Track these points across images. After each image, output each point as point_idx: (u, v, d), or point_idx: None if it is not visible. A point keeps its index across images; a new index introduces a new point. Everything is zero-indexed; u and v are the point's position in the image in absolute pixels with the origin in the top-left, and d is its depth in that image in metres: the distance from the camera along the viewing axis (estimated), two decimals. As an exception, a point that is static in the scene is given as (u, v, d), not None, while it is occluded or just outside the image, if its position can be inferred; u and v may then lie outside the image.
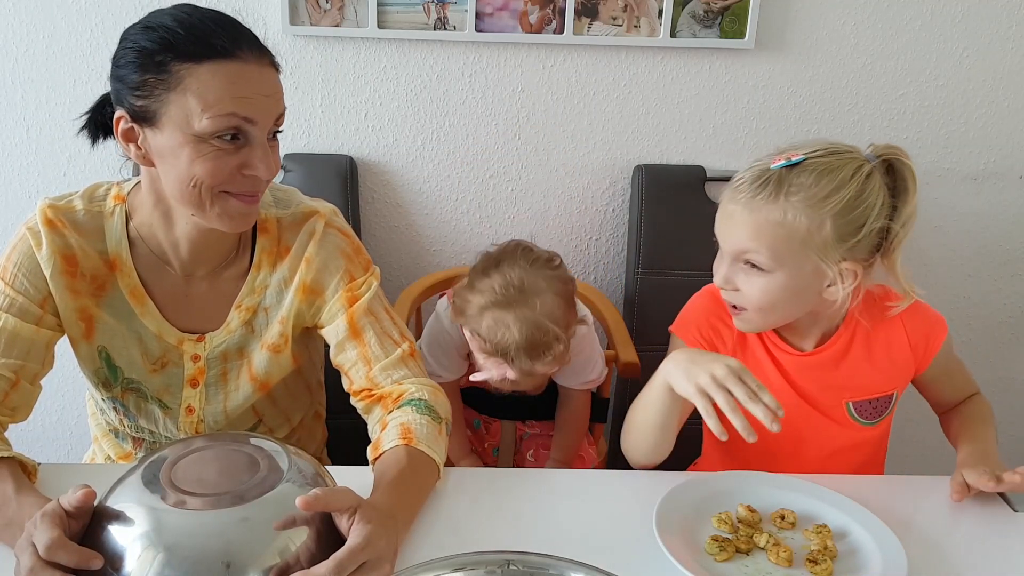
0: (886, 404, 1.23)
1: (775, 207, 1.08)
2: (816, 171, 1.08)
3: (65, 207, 1.10)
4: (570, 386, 1.50)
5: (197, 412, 1.18)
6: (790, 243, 1.09)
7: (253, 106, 0.97)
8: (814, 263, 1.09)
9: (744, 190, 1.11)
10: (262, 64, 0.99)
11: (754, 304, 1.13)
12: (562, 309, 1.30)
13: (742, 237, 1.11)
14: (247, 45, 0.98)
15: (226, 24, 0.99)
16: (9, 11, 1.68)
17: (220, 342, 1.15)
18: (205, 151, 0.97)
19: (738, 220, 1.11)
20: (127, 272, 1.11)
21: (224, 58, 0.96)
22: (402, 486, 0.98)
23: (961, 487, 1.08)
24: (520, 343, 1.26)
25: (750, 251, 1.11)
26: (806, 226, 1.07)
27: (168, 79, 0.95)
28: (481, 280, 1.30)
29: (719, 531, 1.00)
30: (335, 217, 1.18)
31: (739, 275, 1.13)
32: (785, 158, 1.10)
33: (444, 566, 0.84)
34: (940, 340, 1.22)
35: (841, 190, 1.07)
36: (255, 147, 0.99)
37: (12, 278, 1.07)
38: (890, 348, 1.21)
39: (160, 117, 0.97)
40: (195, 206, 1.01)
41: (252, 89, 0.97)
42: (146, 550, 0.79)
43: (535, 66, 1.76)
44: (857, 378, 1.20)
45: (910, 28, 1.76)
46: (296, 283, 1.14)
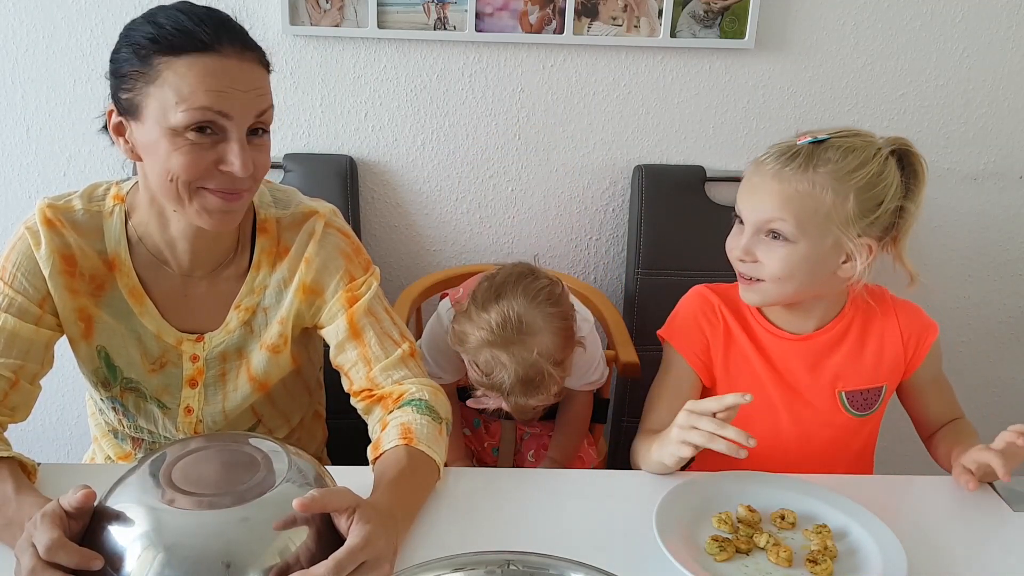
0: (876, 396, 1.25)
1: (804, 178, 1.12)
2: (841, 148, 1.13)
3: (64, 207, 1.10)
4: (572, 387, 1.50)
5: (196, 412, 1.18)
6: (815, 214, 1.13)
7: (227, 100, 0.96)
8: (835, 236, 1.13)
9: (772, 163, 1.16)
10: (243, 59, 0.98)
11: (773, 274, 1.16)
12: (559, 347, 1.29)
13: (770, 206, 1.14)
14: (229, 39, 0.97)
15: (213, 19, 0.98)
16: (9, 11, 1.68)
17: (219, 342, 1.15)
18: (180, 145, 0.97)
19: (766, 190, 1.14)
20: (126, 272, 1.11)
21: (202, 52, 0.95)
22: (402, 486, 0.98)
23: (965, 474, 1.08)
24: (515, 383, 1.26)
25: (776, 220, 1.14)
26: (832, 199, 1.12)
27: (149, 72, 0.96)
28: (479, 314, 1.28)
29: (719, 531, 1.00)
30: (335, 217, 1.18)
31: (759, 246, 1.16)
32: (811, 135, 1.16)
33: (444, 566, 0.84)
34: (931, 341, 1.26)
35: (865, 166, 1.12)
36: (231, 143, 0.98)
37: (11, 278, 1.07)
38: (883, 340, 1.24)
39: (142, 110, 0.98)
40: (175, 201, 1.01)
41: (227, 83, 0.96)
42: (146, 550, 0.79)
43: (535, 66, 1.76)
44: (851, 366, 1.23)
45: (910, 28, 1.76)
46: (296, 283, 1.14)
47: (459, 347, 1.32)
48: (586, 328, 1.43)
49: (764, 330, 1.25)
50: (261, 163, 1.03)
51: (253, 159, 1.00)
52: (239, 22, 1.02)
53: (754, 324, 1.26)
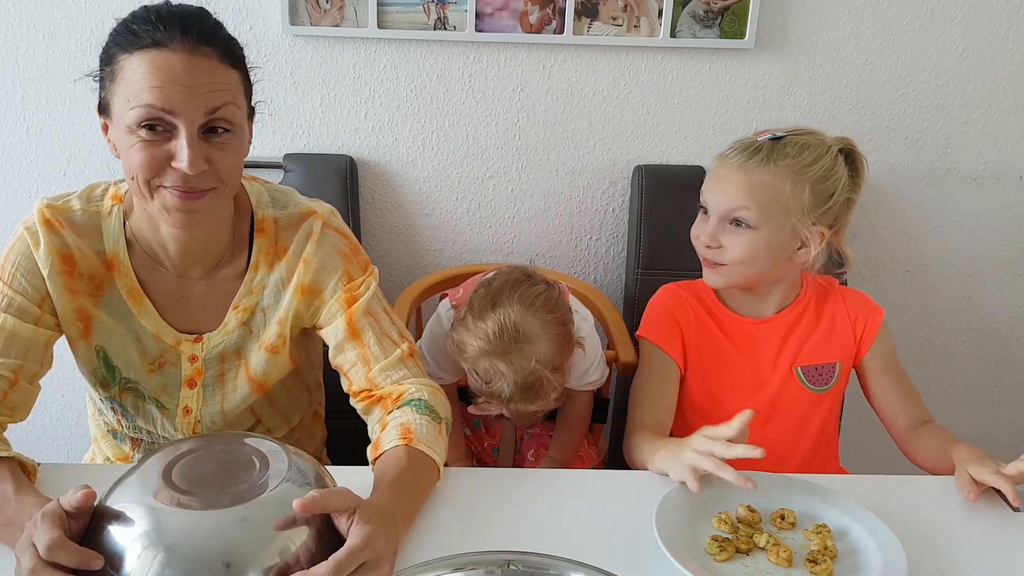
0: (831, 372, 1.35)
1: (765, 170, 1.26)
2: (798, 144, 1.27)
3: (62, 207, 1.10)
4: (572, 387, 1.50)
5: (194, 413, 1.18)
6: (775, 203, 1.26)
7: (170, 96, 0.95)
8: (792, 224, 1.27)
9: (736, 156, 1.28)
10: (195, 54, 0.96)
11: (737, 258, 1.28)
12: (557, 353, 1.29)
13: (735, 195, 1.26)
14: (182, 33, 0.96)
15: (177, 15, 0.97)
16: (9, 11, 1.68)
17: (218, 343, 1.15)
18: (134, 142, 0.97)
19: (731, 181, 1.27)
20: (125, 272, 1.11)
21: (152, 47, 0.95)
22: (402, 486, 0.98)
23: (969, 482, 1.08)
24: (513, 390, 1.26)
25: (740, 208, 1.26)
26: (790, 190, 1.25)
27: (113, 69, 0.97)
28: (477, 324, 1.28)
29: (719, 531, 1.00)
30: (332, 217, 1.17)
31: (724, 233, 1.28)
32: (770, 133, 1.29)
33: (444, 566, 0.84)
34: (877, 322, 1.36)
35: (818, 162, 1.26)
36: (180, 139, 0.97)
37: (10, 278, 1.07)
38: (834, 320, 1.37)
39: (110, 107, 0.99)
40: (141, 198, 1.02)
41: (172, 79, 0.95)
42: (146, 550, 0.79)
43: (535, 66, 1.76)
44: (805, 344, 1.35)
45: (910, 28, 1.76)
46: (294, 284, 1.14)
47: (458, 355, 1.32)
48: (586, 328, 1.43)
49: (728, 318, 1.37)
50: (223, 162, 1.00)
51: (210, 157, 0.98)
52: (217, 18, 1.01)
53: (719, 313, 1.37)
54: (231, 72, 1.01)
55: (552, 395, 1.29)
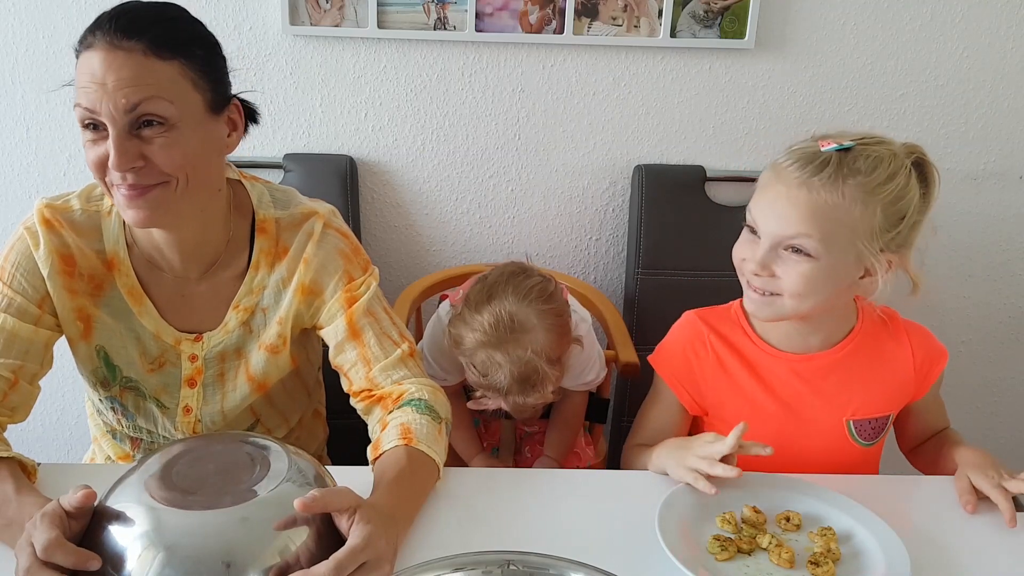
0: (883, 425, 1.21)
1: (834, 190, 1.05)
2: (870, 158, 1.06)
3: (62, 207, 1.10)
4: (568, 387, 1.50)
5: (194, 412, 1.18)
6: (841, 229, 1.06)
7: (91, 96, 0.96)
8: (857, 251, 1.07)
9: (796, 171, 1.06)
10: (113, 50, 0.95)
11: (792, 291, 1.09)
12: (554, 344, 1.29)
13: (795, 220, 1.06)
14: (104, 31, 0.96)
15: (112, 13, 0.98)
16: (9, 11, 1.68)
17: (218, 342, 1.15)
18: (84, 141, 0.99)
19: (792, 201, 1.06)
20: (125, 272, 1.11)
21: (86, 48, 0.97)
22: (402, 486, 0.98)
23: (969, 491, 1.07)
24: (511, 382, 1.27)
25: (800, 236, 1.06)
26: (859, 213, 1.05)
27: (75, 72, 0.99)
28: (473, 316, 1.28)
29: (722, 531, 1.00)
30: (333, 217, 1.17)
31: (777, 261, 1.09)
32: (835, 142, 1.07)
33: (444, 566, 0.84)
34: (941, 368, 1.21)
35: (893, 179, 1.06)
36: (109, 138, 0.97)
37: (10, 278, 1.07)
38: (896, 366, 1.19)
39: None
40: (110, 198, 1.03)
41: (92, 79, 0.96)
42: (146, 550, 0.79)
43: (535, 66, 1.76)
44: (862, 394, 1.18)
45: (910, 28, 1.76)
46: (295, 284, 1.14)
47: (456, 350, 1.32)
48: (583, 328, 1.43)
49: (762, 352, 1.19)
50: (159, 156, 0.98)
51: (144, 152, 0.97)
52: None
53: (749, 348, 1.20)
54: (160, 64, 0.97)
55: (549, 387, 1.29)
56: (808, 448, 1.17)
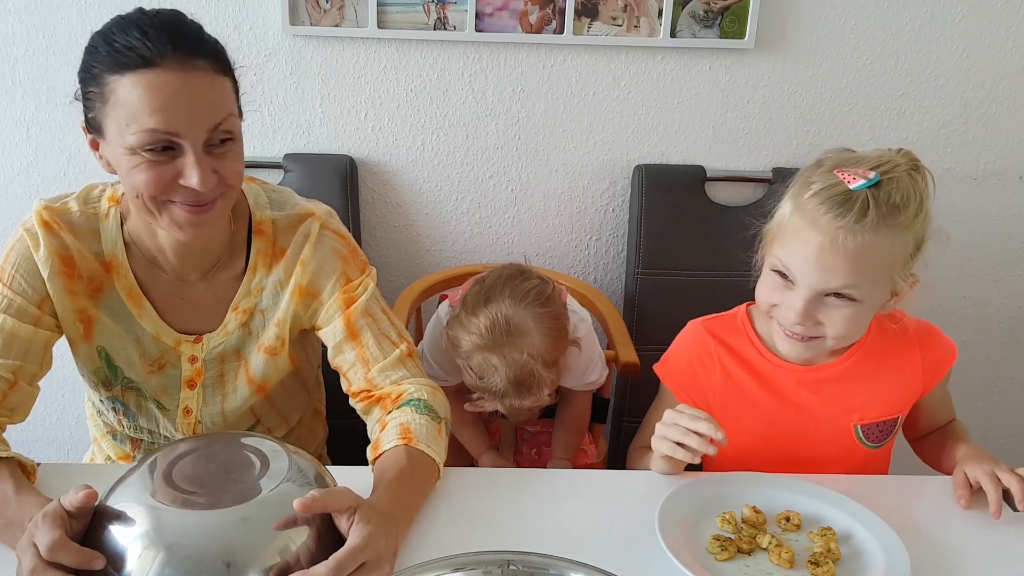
0: (892, 427, 1.21)
1: (877, 233, 1.02)
2: (900, 190, 1.04)
3: (60, 209, 1.09)
4: (571, 387, 1.50)
5: (195, 413, 1.18)
6: (883, 267, 1.06)
7: (173, 119, 0.93)
8: (893, 282, 1.08)
9: (837, 219, 1.02)
10: (189, 70, 0.94)
11: (837, 334, 1.08)
12: (550, 347, 1.29)
13: (842, 272, 1.03)
14: (173, 50, 0.93)
15: (156, 27, 0.94)
16: (9, 11, 1.68)
17: (217, 344, 1.15)
18: (138, 162, 0.96)
19: (837, 252, 1.03)
20: (123, 274, 1.11)
21: (144, 68, 0.92)
22: (402, 486, 0.98)
23: (964, 484, 1.07)
24: (507, 385, 1.27)
25: (848, 286, 1.04)
26: (899, 248, 1.05)
27: (102, 91, 0.95)
28: (470, 319, 1.29)
29: (722, 531, 1.00)
30: (330, 219, 1.17)
31: (820, 308, 1.07)
32: (862, 177, 1.03)
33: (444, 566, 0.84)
34: (949, 364, 1.21)
35: (922, 207, 1.06)
36: (187, 158, 0.95)
37: (10, 279, 1.07)
38: (904, 369, 1.18)
39: (104, 129, 0.97)
40: (147, 215, 1.00)
41: (172, 101, 0.93)
42: (146, 549, 0.79)
43: (535, 66, 1.76)
44: (869, 399, 1.17)
45: (910, 28, 1.76)
46: (292, 285, 1.14)
47: (453, 352, 1.33)
48: (583, 328, 1.43)
49: (770, 364, 1.18)
50: (230, 171, 1.00)
51: (218, 169, 0.98)
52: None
53: (756, 358, 1.19)
54: (225, 81, 0.99)
55: (545, 390, 1.29)
56: (815, 453, 1.17)
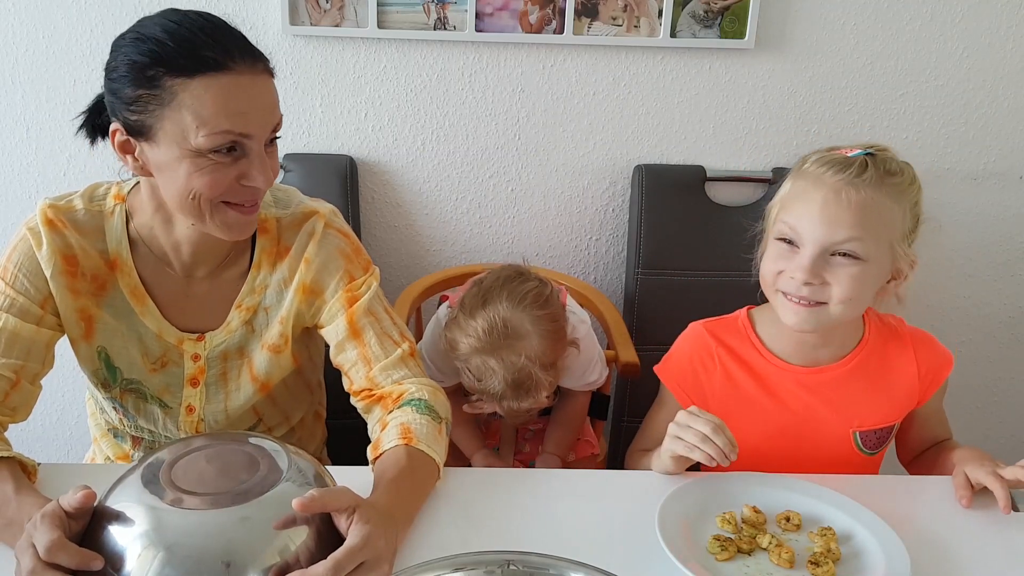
0: (888, 434, 1.22)
1: (879, 189, 1.06)
2: (895, 161, 1.10)
3: (65, 207, 1.10)
4: (570, 387, 1.50)
5: (197, 411, 1.18)
6: (884, 228, 1.07)
7: (248, 121, 0.97)
8: (893, 252, 1.10)
9: (837, 174, 1.07)
10: (256, 73, 0.98)
11: (842, 296, 1.08)
12: (548, 349, 1.28)
13: (846, 223, 1.05)
14: (239, 54, 0.96)
15: (216, 32, 0.97)
16: (9, 11, 1.68)
17: (220, 342, 1.15)
18: (202, 165, 0.97)
19: (841, 204, 1.05)
20: (127, 272, 1.11)
21: (216, 71, 0.94)
22: (402, 486, 0.98)
23: (965, 485, 1.07)
24: (505, 387, 1.27)
25: (852, 240, 1.06)
26: (898, 212, 1.08)
27: (162, 95, 0.94)
28: (468, 321, 1.29)
29: (722, 531, 1.00)
30: (334, 217, 1.18)
31: (826, 268, 1.07)
32: (858, 148, 1.09)
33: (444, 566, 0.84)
34: (945, 375, 1.21)
35: (914, 182, 1.10)
36: (252, 158, 0.99)
37: (12, 278, 1.07)
38: (901, 376, 1.19)
39: (156, 132, 0.97)
40: (195, 217, 1.01)
41: (247, 104, 0.96)
42: (146, 549, 0.79)
43: (535, 66, 1.76)
44: (869, 405, 1.18)
45: (910, 28, 1.76)
46: (296, 283, 1.14)
47: (451, 354, 1.33)
48: (583, 329, 1.43)
49: (771, 365, 1.18)
50: (275, 169, 1.04)
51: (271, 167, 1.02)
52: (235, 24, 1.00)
53: (757, 360, 1.19)
54: (274, 82, 1.03)
55: (543, 392, 1.29)
56: (814, 458, 1.17)
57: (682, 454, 1.05)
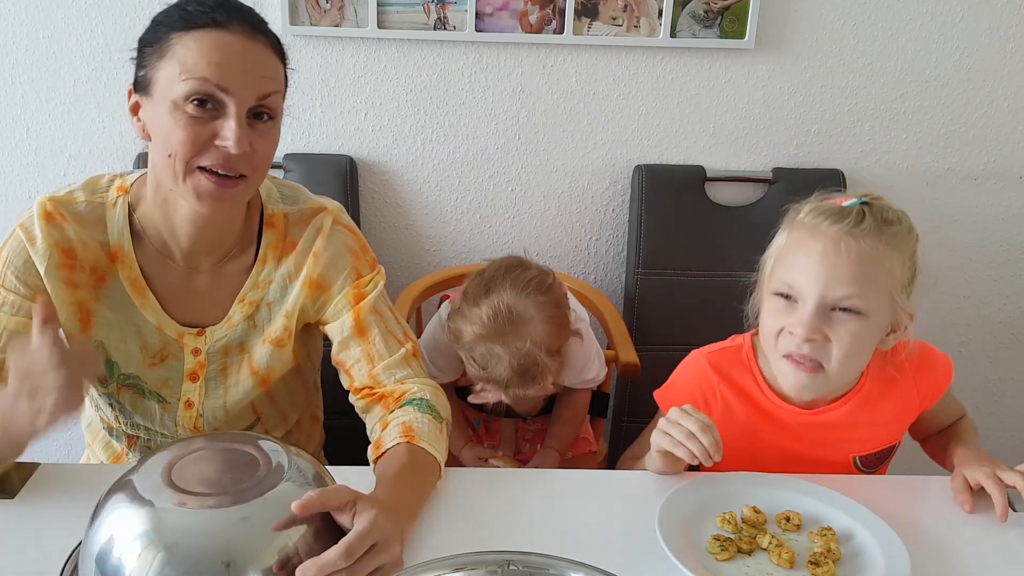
0: (888, 454, 1.22)
1: (878, 239, 1.03)
2: (891, 210, 1.06)
3: (65, 199, 1.09)
4: (570, 384, 1.51)
5: (196, 407, 1.18)
6: (884, 280, 1.05)
7: (228, 74, 0.97)
8: (892, 306, 1.06)
9: (835, 224, 1.03)
10: (253, 39, 1.00)
11: (842, 354, 1.05)
12: (553, 335, 1.29)
13: (846, 277, 1.02)
14: (241, 20, 0.99)
15: (234, 5, 1.01)
16: (9, 11, 1.68)
17: (221, 336, 1.14)
18: (179, 118, 0.97)
19: (840, 256, 1.02)
20: (128, 264, 1.10)
21: (212, 27, 0.97)
22: (404, 482, 0.98)
23: (964, 489, 1.07)
24: (510, 374, 1.27)
25: (853, 296, 1.03)
26: (897, 263, 1.04)
27: (161, 47, 0.98)
28: (472, 309, 1.30)
29: (722, 531, 1.00)
30: (341, 214, 1.18)
31: (827, 323, 1.04)
32: (852, 197, 1.05)
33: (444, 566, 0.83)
34: (946, 384, 1.20)
35: (911, 231, 1.07)
36: (228, 118, 0.98)
37: (2, 276, 1.07)
38: (901, 402, 1.18)
39: (152, 85, 0.99)
40: (171, 179, 1.01)
41: (231, 58, 0.97)
42: (146, 549, 0.79)
43: (535, 66, 1.76)
44: (867, 435, 1.18)
45: (910, 28, 1.76)
46: (303, 277, 1.14)
47: (455, 344, 1.33)
48: (582, 327, 1.44)
49: (773, 405, 1.16)
50: (261, 150, 1.02)
51: (252, 143, 1.00)
52: None
53: (758, 394, 1.17)
54: (279, 65, 1.04)
55: (549, 378, 1.30)
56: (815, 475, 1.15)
57: (667, 449, 1.04)
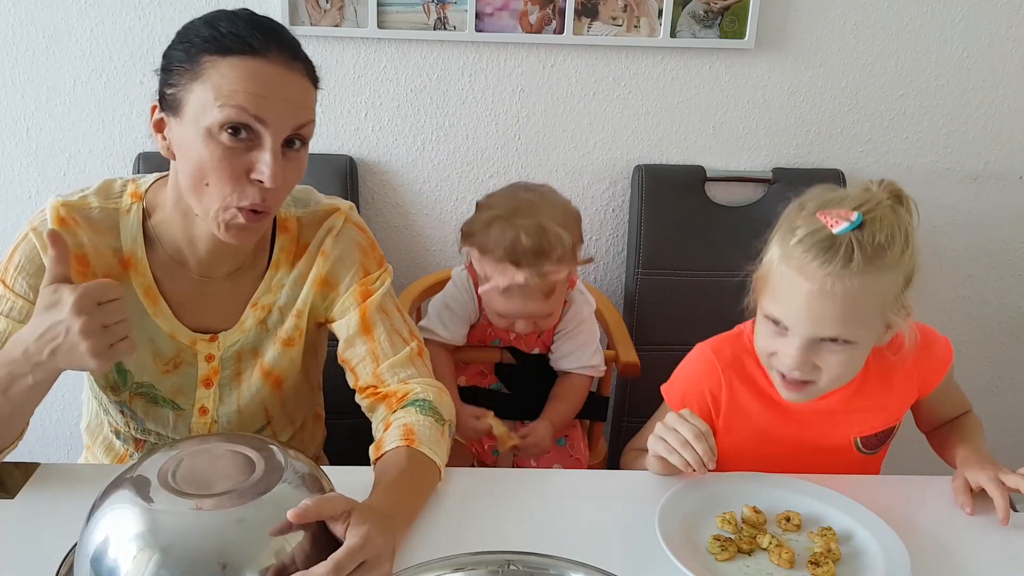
0: (888, 435, 1.22)
1: (866, 275, 1.02)
2: (884, 229, 1.03)
3: (79, 204, 1.08)
4: (568, 369, 1.51)
5: (211, 412, 1.17)
6: (875, 307, 1.05)
7: (265, 105, 0.95)
8: (887, 319, 1.08)
9: (823, 265, 1.02)
10: (290, 69, 0.98)
11: (832, 377, 1.08)
12: (566, 217, 1.39)
13: (832, 319, 1.03)
14: (279, 48, 0.97)
15: (266, 27, 0.98)
16: (9, 11, 1.68)
17: (234, 341, 1.14)
18: (214, 149, 0.95)
19: (827, 300, 1.02)
20: (141, 271, 1.09)
21: (249, 55, 0.95)
22: (401, 487, 0.97)
23: (964, 491, 1.07)
24: (526, 242, 1.33)
25: (840, 335, 1.04)
26: (888, 286, 1.04)
27: (194, 68, 0.96)
28: (487, 201, 1.42)
29: (722, 531, 1.00)
30: (352, 212, 1.18)
31: (815, 354, 1.06)
32: (844, 220, 1.03)
33: (444, 566, 0.84)
34: (947, 366, 1.22)
35: (908, 245, 1.05)
36: (264, 150, 0.96)
37: (12, 281, 1.05)
38: (899, 382, 1.19)
39: (183, 107, 0.97)
40: (199, 206, 1.00)
41: (269, 89, 0.95)
42: (141, 551, 0.79)
43: (535, 66, 1.76)
44: (868, 417, 1.19)
45: (910, 28, 1.75)
46: (312, 276, 1.14)
47: (470, 246, 1.42)
48: (587, 311, 1.50)
49: (776, 391, 1.16)
50: (292, 176, 1.01)
51: (284, 171, 0.98)
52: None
53: (762, 380, 1.18)
54: (313, 92, 1.03)
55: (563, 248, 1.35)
56: (813, 462, 1.16)
57: (662, 455, 1.04)
